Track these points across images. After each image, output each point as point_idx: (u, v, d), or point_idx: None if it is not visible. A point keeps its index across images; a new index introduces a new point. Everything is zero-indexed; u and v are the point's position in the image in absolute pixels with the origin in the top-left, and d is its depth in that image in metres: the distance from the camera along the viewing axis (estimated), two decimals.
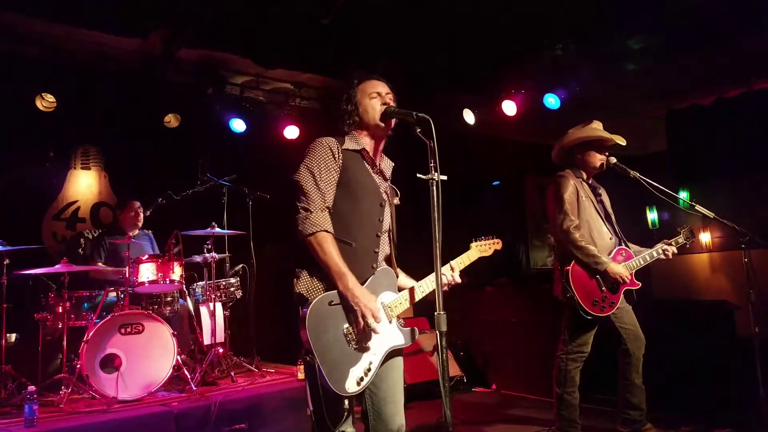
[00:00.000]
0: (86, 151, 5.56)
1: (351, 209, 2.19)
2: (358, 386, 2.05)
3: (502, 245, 2.56)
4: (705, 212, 3.24)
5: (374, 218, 2.24)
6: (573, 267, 3.23)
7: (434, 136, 2.01)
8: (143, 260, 4.02)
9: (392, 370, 2.20)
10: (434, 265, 1.98)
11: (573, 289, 3.19)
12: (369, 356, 2.10)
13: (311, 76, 5.50)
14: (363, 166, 2.27)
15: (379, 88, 2.31)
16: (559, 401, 3.31)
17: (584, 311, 3.18)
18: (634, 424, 3.32)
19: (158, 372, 3.73)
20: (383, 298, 2.20)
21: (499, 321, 5.33)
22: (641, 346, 3.32)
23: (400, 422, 2.17)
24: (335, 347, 2.04)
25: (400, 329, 2.21)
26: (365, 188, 2.24)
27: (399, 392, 2.21)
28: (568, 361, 3.28)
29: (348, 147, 2.25)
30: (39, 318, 3.88)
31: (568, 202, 3.29)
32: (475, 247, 2.52)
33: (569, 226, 3.24)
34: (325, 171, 2.17)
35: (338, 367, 2.03)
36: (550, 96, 5.08)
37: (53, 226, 5.34)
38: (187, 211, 4.89)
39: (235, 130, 5.52)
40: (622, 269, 3.23)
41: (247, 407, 3.61)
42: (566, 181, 3.36)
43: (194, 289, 4.68)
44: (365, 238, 2.20)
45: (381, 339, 2.14)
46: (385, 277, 2.24)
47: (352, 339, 2.08)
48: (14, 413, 3.38)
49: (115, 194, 5.59)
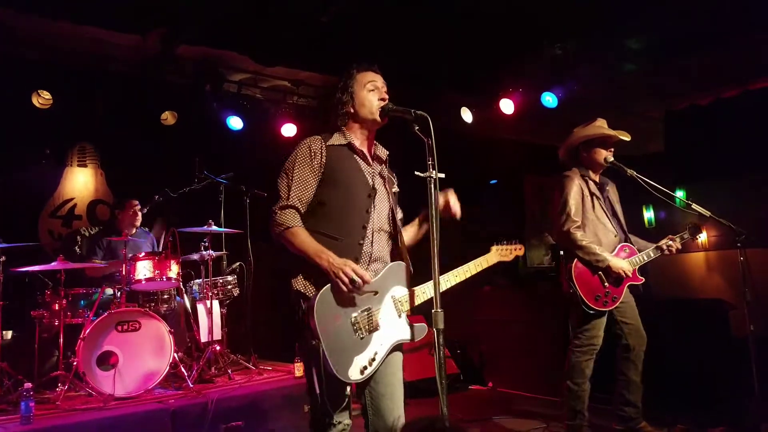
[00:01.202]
0: (83, 149, 5.55)
1: (336, 204, 2.20)
2: (361, 375, 2.07)
3: (524, 251, 2.53)
4: (701, 211, 3.25)
5: (361, 210, 2.22)
6: (576, 264, 3.30)
7: (432, 133, 2.01)
8: (140, 257, 4.01)
9: (391, 366, 2.20)
10: (431, 262, 1.98)
11: (576, 286, 3.27)
12: (375, 347, 2.12)
13: (310, 74, 5.49)
14: (350, 159, 2.27)
15: (376, 80, 2.31)
16: (569, 393, 3.35)
17: (587, 306, 3.26)
18: (630, 421, 3.34)
19: (155, 369, 3.73)
20: (394, 292, 2.21)
21: (496, 319, 5.34)
22: (642, 343, 3.36)
23: (398, 414, 2.18)
24: (342, 334, 2.06)
25: (408, 324, 2.21)
26: (351, 181, 2.23)
27: (398, 389, 2.22)
28: (579, 353, 3.32)
29: (333, 143, 2.26)
30: (35, 315, 3.87)
31: (571, 204, 3.34)
32: (495, 251, 2.48)
33: (570, 227, 3.31)
34: (298, 171, 2.19)
35: (343, 353, 2.04)
36: (547, 95, 5.08)
37: (49, 223, 5.33)
38: (184, 209, 4.88)
39: (232, 127, 5.51)
40: (624, 264, 3.29)
41: (244, 405, 3.61)
42: (571, 181, 3.40)
43: (191, 286, 4.68)
44: (350, 232, 2.19)
45: (389, 331, 2.16)
46: (397, 272, 2.24)
47: (360, 329, 2.09)
48: (10, 410, 3.36)
49: (111, 192, 5.58)
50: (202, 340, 4.43)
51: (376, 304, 2.16)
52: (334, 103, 2.33)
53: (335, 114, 2.32)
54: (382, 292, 2.18)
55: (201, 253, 4.50)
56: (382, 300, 2.17)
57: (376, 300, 2.16)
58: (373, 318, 2.13)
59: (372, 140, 2.37)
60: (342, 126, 2.31)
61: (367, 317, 2.12)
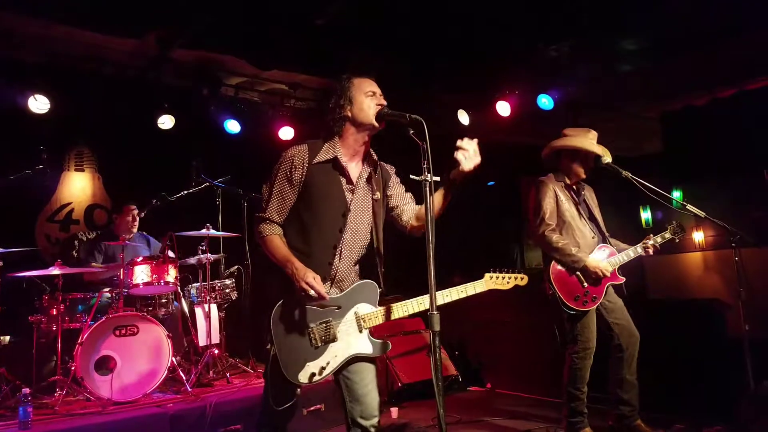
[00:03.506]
0: (80, 153, 5.55)
1: (309, 221, 2.28)
2: (309, 381, 2.18)
3: (527, 281, 2.46)
4: (696, 212, 3.27)
5: (334, 229, 2.28)
6: (553, 266, 3.37)
7: (427, 137, 2.02)
8: (138, 262, 4.02)
9: (364, 369, 2.27)
10: (427, 266, 1.99)
11: (555, 287, 3.34)
12: (328, 357, 2.22)
13: (306, 77, 5.50)
14: (331, 176, 2.30)
15: (374, 88, 2.34)
16: (569, 396, 3.39)
17: (567, 306, 3.32)
18: (625, 419, 3.37)
19: (153, 374, 3.73)
20: (358, 309, 2.28)
21: (494, 321, 5.34)
22: (635, 342, 3.38)
23: (373, 398, 2.24)
24: (296, 340, 2.19)
25: (370, 340, 2.27)
26: (327, 199, 2.28)
27: (372, 382, 2.28)
28: (577, 359, 3.35)
29: (319, 159, 2.29)
30: (33, 320, 3.87)
31: (545, 207, 3.40)
32: (488, 279, 2.39)
33: (544, 230, 3.38)
34: (278, 184, 2.29)
35: (295, 358, 2.18)
36: (543, 97, 5.10)
37: (47, 228, 5.32)
38: (181, 213, 4.88)
39: (229, 131, 5.52)
40: (601, 263, 3.33)
41: (242, 408, 3.61)
42: (545, 186, 3.46)
43: (189, 290, 4.68)
44: (319, 251, 2.27)
45: (345, 344, 2.24)
46: (365, 290, 2.31)
47: (315, 338, 2.20)
48: (8, 416, 3.38)
49: (109, 196, 5.58)
50: (200, 344, 4.43)
51: (337, 317, 2.25)
52: (331, 107, 2.34)
53: (332, 118, 2.33)
54: (346, 308, 2.27)
55: (199, 256, 4.50)
56: (343, 315, 2.26)
57: (338, 314, 2.25)
58: (330, 330, 2.23)
59: (368, 146, 2.38)
60: (338, 132, 2.33)
61: (324, 329, 2.22)
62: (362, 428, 2.22)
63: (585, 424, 3.36)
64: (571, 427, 3.37)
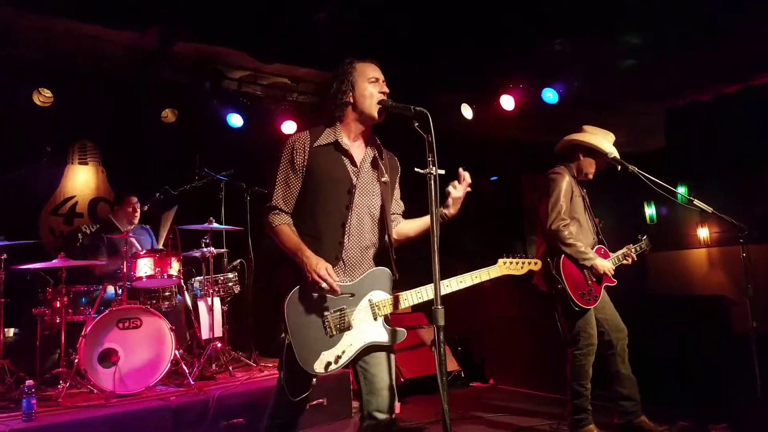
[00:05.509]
0: (83, 146, 5.54)
1: (315, 203, 2.25)
2: (325, 370, 2.14)
3: (540, 266, 2.46)
4: (703, 207, 3.23)
5: (340, 206, 2.25)
6: (563, 259, 3.32)
7: (432, 130, 2.00)
8: (141, 255, 4.02)
9: (382, 361, 2.24)
10: (431, 260, 1.98)
11: (564, 280, 3.27)
12: (344, 346, 2.17)
13: (308, 70, 5.49)
14: (334, 157, 2.28)
15: (377, 74, 2.31)
16: (573, 392, 3.37)
17: (574, 303, 3.27)
18: (628, 415, 3.36)
19: (156, 366, 3.73)
20: (372, 296, 2.25)
21: (497, 317, 5.33)
22: (624, 336, 3.38)
23: (390, 392, 2.21)
24: (311, 330, 2.15)
25: (385, 327, 2.24)
26: (332, 179, 2.25)
27: (390, 375, 2.24)
28: (581, 356, 3.33)
29: (320, 142, 2.27)
30: (37, 313, 3.87)
31: (561, 202, 3.36)
32: (501, 264, 2.38)
33: (559, 225, 3.33)
34: (282, 172, 2.28)
35: (311, 347, 2.13)
36: (548, 91, 5.07)
37: (51, 221, 5.33)
38: (184, 206, 4.88)
39: (232, 125, 5.51)
40: (608, 264, 3.36)
41: (245, 402, 3.62)
42: (562, 178, 3.41)
43: (192, 284, 4.68)
44: (329, 231, 2.24)
45: (361, 332, 2.20)
46: (379, 277, 2.28)
47: (330, 327, 2.16)
48: (12, 407, 3.37)
49: (112, 189, 5.58)
50: (203, 338, 4.44)
51: (351, 305, 2.21)
52: (332, 92, 2.31)
53: (334, 103, 2.30)
54: (359, 295, 2.23)
55: (202, 250, 4.50)
56: (357, 302, 2.22)
57: (352, 302, 2.21)
58: (345, 318, 2.19)
59: (367, 132, 2.35)
60: (339, 117, 2.30)
61: (339, 317, 2.18)
62: (377, 421, 2.19)
63: (589, 421, 3.34)
64: (575, 424, 3.35)
